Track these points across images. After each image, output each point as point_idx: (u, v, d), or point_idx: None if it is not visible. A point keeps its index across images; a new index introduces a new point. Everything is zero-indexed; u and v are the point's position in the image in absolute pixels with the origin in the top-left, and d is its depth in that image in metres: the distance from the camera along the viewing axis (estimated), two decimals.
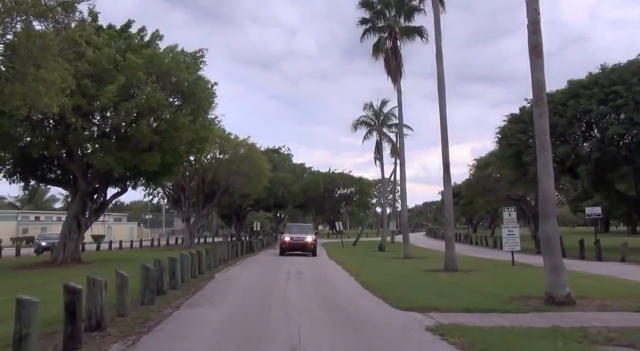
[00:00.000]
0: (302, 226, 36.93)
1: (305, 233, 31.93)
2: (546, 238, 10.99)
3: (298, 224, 42.33)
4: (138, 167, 24.45)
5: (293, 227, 35.85)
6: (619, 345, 6.82)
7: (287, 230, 34.90)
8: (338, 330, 8.33)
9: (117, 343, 7.37)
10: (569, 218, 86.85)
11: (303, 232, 32.31)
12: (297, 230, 32.92)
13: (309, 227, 36.51)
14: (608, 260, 23.33)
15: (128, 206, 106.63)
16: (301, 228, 34.63)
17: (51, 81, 13.66)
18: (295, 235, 31.34)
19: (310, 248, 30.43)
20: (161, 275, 12.61)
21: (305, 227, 35.37)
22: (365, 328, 8.37)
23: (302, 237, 30.83)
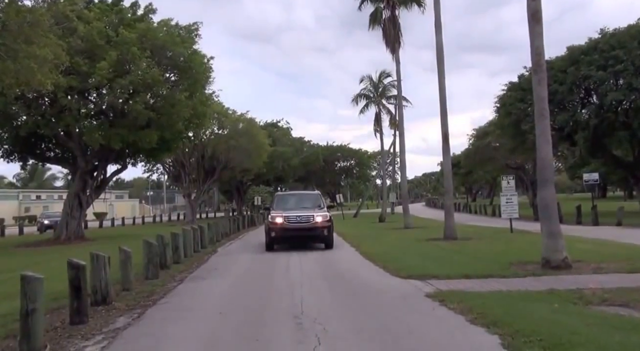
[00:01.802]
0: (303, 195, 21.42)
1: (311, 206, 18.16)
2: (544, 205, 11.11)
3: (297, 193, 25.73)
4: (136, 144, 24.40)
5: (288, 197, 20.24)
6: (613, 304, 7.00)
7: (277, 203, 18.92)
8: (339, 298, 8.49)
9: (123, 317, 7.51)
10: (567, 185, 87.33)
11: (306, 204, 18.39)
12: (295, 203, 18.67)
13: (316, 196, 20.46)
14: (604, 225, 23.62)
15: (129, 183, 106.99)
16: (302, 199, 19.57)
17: (43, 57, 13.51)
18: (294, 212, 17.32)
19: (321, 233, 17.05)
20: (164, 249, 12.80)
21: (309, 197, 20.15)
22: (366, 296, 8.53)
23: (307, 216, 17.06)
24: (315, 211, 17.24)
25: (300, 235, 16.74)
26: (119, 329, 6.76)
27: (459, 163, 60.26)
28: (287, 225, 16.65)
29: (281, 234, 16.73)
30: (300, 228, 16.61)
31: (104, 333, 6.55)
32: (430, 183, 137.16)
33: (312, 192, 22.75)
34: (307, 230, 16.73)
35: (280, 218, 16.75)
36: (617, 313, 6.47)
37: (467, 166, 60.55)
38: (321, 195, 20.28)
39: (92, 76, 21.79)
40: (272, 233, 16.75)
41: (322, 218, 16.87)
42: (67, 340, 6.28)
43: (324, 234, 16.84)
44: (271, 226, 16.87)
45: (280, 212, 17.10)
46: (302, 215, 16.87)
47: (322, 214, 17.08)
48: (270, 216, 17.17)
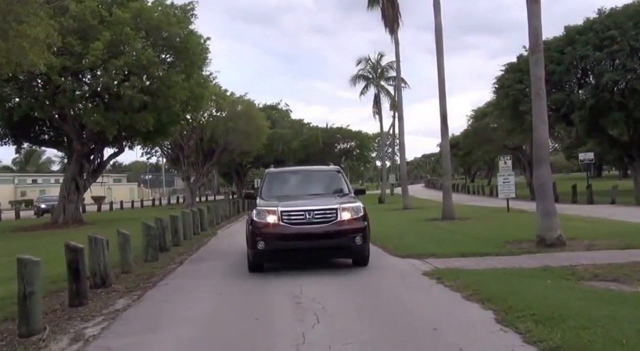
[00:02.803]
0: (314, 173, 12.08)
1: (328, 191, 10.51)
2: (539, 184, 11.21)
3: (302, 169, 13.43)
4: (133, 127, 24.27)
5: (288, 177, 11.61)
6: (604, 280, 7.14)
7: (269, 186, 10.68)
8: (337, 276, 8.59)
9: (123, 299, 7.57)
10: (563, 165, 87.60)
11: (319, 189, 10.75)
12: (300, 187, 10.85)
13: (334, 174, 11.22)
14: (599, 203, 23.89)
15: (127, 167, 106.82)
16: (312, 179, 11.46)
17: (35, 37, 13.22)
18: (298, 204, 9.37)
19: (350, 242, 8.98)
20: (163, 232, 12.83)
21: (323, 176, 11.60)
22: (364, 275, 8.64)
23: (323, 211, 9.01)
24: (338, 200, 9.39)
25: (312, 246, 8.82)
26: (118, 311, 6.81)
27: (457, 144, 60.25)
28: (286, 228, 8.82)
29: (276, 245, 8.81)
30: (311, 233, 8.73)
31: (103, 315, 6.60)
32: (430, 164, 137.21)
33: (328, 168, 11.63)
34: (325, 237, 8.77)
35: (274, 217, 8.88)
36: (607, 288, 6.60)
37: (465, 147, 60.54)
38: (343, 173, 11.16)
39: (85, 57, 21.52)
40: (260, 244, 8.78)
41: (350, 214, 8.97)
42: (67, 321, 6.33)
43: (355, 244, 8.82)
44: (257, 230, 8.92)
45: (274, 204, 9.13)
46: (315, 209, 8.90)
47: (351, 206, 9.12)
48: (256, 211, 9.15)
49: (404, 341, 4.88)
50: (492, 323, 5.29)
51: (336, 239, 8.83)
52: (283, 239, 8.78)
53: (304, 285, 7.74)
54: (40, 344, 5.40)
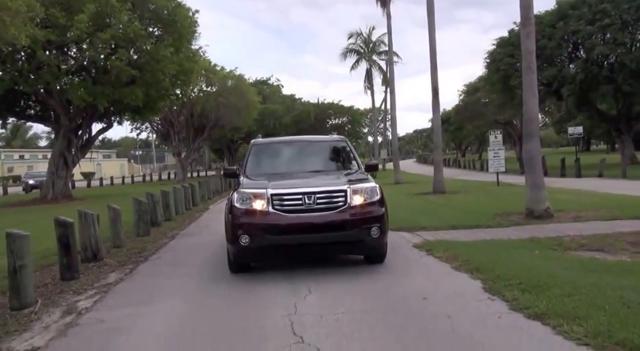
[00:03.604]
0: (312, 145, 9.32)
1: (331, 168, 8.33)
2: (529, 158, 11.31)
3: (298, 140, 9.91)
4: (122, 102, 23.98)
5: (280, 150, 8.97)
6: (590, 249, 7.30)
7: (255, 162, 8.33)
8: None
9: (115, 272, 7.60)
10: (553, 139, 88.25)
11: (319, 164, 8.31)
12: (295, 162, 8.37)
13: (338, 146, 8.95)
14: (587, 177, 24.18)
15: (116, 142, 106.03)
16: (310, 151, 8.85)
17: (15, 9, 12.93)
18: (294, 184, 7.00)
19: (364, 234, 6.60)
20: (154, 207, 12.82)
21: (325, 148, 9.05)
22: None
23: (327, 194, 6.65)
24: (346, 179, 7.18)
25: (313, 240, 6.62)
26: (110, 284, 6.84)
27: (449, 119, 60.41)
28: (278, 217, 6.60)
29: (265, 241, 6.60)
30: (312, 224, 6.56)
31: (95, 288, 6.63)
32: (421, 139, 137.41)
33: (331, 138, 10.00)
34: (330, 229, 6.59)
35: (262, 202, 6.65)
36: (592, 257, 6.74)
37: (457, 122, 60.75)
38: (350, 144, 8.96)
39: (70, 30, 21.05)
40: (243, 239, 6.54)
41: (364, 198, 6.82)
42: (59, 295, 6.35)
43: (371, 237, 6.67)
44: (239, 220, 6.70)
45: (262, 185, 6.96)
46: (317, 191, 6.71)
47: (365, 187, 6.95)
48: (238, 195, 6.87)
49: (394, 310, 4.96)
50: (480, 292, 5.40)
51: (346, 231, 6.49)
52: (274, 232, 6.42)
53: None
54: (32, 317, 5.43)
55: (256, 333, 4.52)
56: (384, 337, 4.23)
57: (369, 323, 4.59)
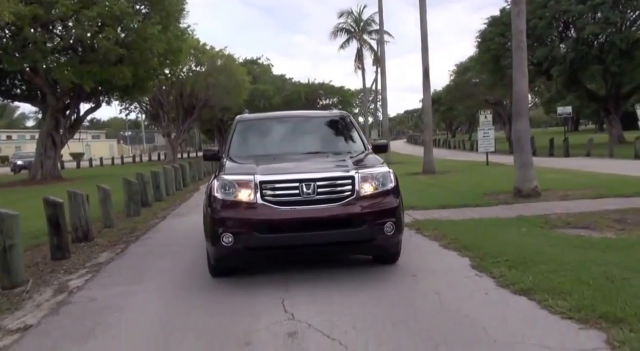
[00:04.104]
0: (309, 121, 7.80)
1: (333, 150, 6.72)
2: (517, 137, 11.37)
3: (291, 116, 8.35)
4: (110, 81, 23.69)
5: (270, 128, 7.43)
6: (576, 227, 7.42)
7: (241, 142, 6.93)
8: None
9: (106, 252, 7.63)
10: (542, 119, 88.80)
11: (317, 145, 6.90)
12: (288, 142, 7.02)
13: (339, 121, 7.50)
14: (575, 156, 24.41)
15: (105, 123, 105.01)
16: (306, 130, 7.38)
17: None
18: (288, 169, 5.67)
19: (377, 231, 5.26)
20: (144, 188, 12.84)
21: (323, 126, 7.53)
22: None
23: (329, 182, 5.31)
24: (351, 162, 5.82)
25: (313, 240, 5.25)
26: (102, 263, 6.87)
27: (439, 99, 60.43)
28: (269, 211, 5.23)
29: (252, 241, 5.18)
30: (311, 219, 5.20)
31: (87, 268, 6.66)
32: (412, 120, 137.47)
33: (331, 114, 7.95)
34: (334, 226, 5.23)
35: (249, 192, 5.30)
36: (578, 235, 6.86)
37: (447, 102, 60.81)
38: (354, 121, 7.59)
39: (55, 6, 20.64)
40: (226, 238, 5.16)
41: (375, 186, 5.48)
42: (50, 274, 6.37)
43: (385, 234, 5.32)
44: (220, 214, 5.32)
45: (249, 170, 5.57)
46: (317, 178, 5.32)
47: (375, 172, 5.60)
48: (220, 183, 5.46)
49: (383, 288, 5.04)
50: (468, 269, 5.50)
51: (353, 229, 5.17)
52: (264, 230, 5.12)
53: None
54: (23, 295, 5.45)
55: (247, 310, 4.57)
56: (374, 313, 4.31)
57: (358, 300, 4.67)
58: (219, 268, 5.65)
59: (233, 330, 4.10)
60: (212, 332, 4.10)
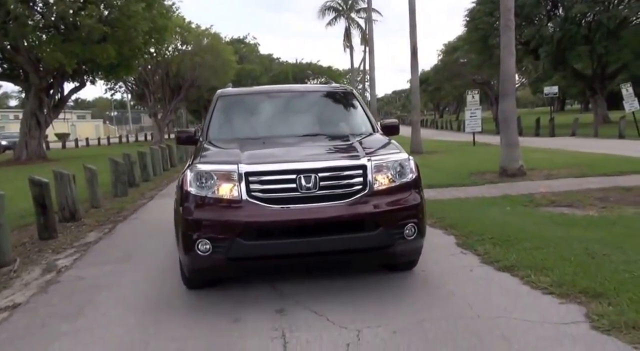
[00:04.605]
0: (303, 96, 6.41)
1: (333, 130, 5.59)
2: (504, 117, 11.45)
3: (281, 90, 6.85)
4: (94, 60, 23.29)
5: (257, 106, 6.09)
6: (560, 205, 7.55)
7: (216, 122, 5.77)
8: None
9: (94, 232, 7.62)
10: (529, 100, 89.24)
11: (316, 124, 5.73)
12: (277, 118, 5.89)
13: (341, 97, 6.30)
14: (560, 136, 24.64)
15: (91, 103, 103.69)
16: (302, 104, 6.16)
17: None
18: (280, 155, 4.54)
19: (396, 235, 4.18)
20: (131, 168, 12.79)
21: (322, 101, 6.26)
22: None
23: (329, 173, 4.15)
24: (360, 147, 4.67)
25: (314, 248, 4.07)
26: (90, 243, 6.87)
27: (427, 79, 60.38)
28: (258, 210, 4.06)
29: (236, 249, 4.03)
30: (312, 221, 4.06)
31: (75, 247, 6.66)
32: (400, 100, 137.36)
33: (332, 88, 6.59)
34: (341, 230, 4.09)
35: (231, 185, 4.13)
36: (562, 213, 7.00)
37: (435, 82, 60.77)
38: (359, 97, 6.24)
39: None
40: (202, 246, 4.06)
41: (391, 178, 4.35)
42: (38, 254, 6.37)
43: (405, 239, 4.25)
44: (192, 216, 4.17)
45: (231, 157, 4.43)
46: (318, 168, 4.16)
47: (392, 160, 4.48)
48: (195, 174, 4.26)
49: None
50: (454, 247, 5.60)
51: (366, 233, 4.13)
52: (251, 236, 4.03)
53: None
54: (11, 275, 5.46)
55: (238, 293, 4.63)
56: (360, 289, 4.38)
57: (344, 279, 4.72)
58: (196, 281, 4.60)
59: (223, 306, 4.16)
60: (202, 309, 4.16)
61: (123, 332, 3.78)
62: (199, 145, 5.21)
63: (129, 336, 3.71)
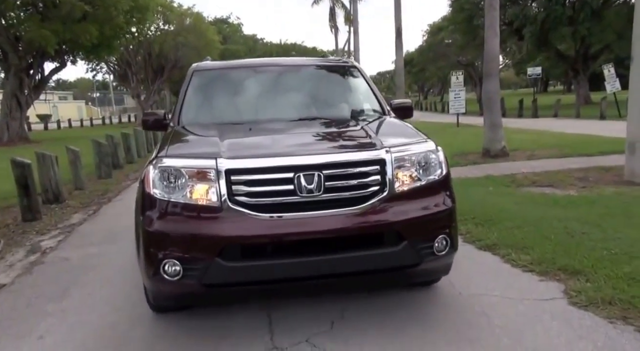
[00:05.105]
0: (298, 70, 5.18)
1: (334, 113, 4.61)
2: (487, 98, 11.54)
3: (270, 63, 5.54)
4: (75, 40, 22.84)
5: (241, 77, 5.01)
6: (541, 185, 7.68)
7: (190, 102, 4.62)
8: None
9: (79, 213, 7.58)
10: (512, 81, 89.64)
11: (313, 105, 4.66)
12: (265, 96, 4.78)
13: (344, 71, 5.25)
14: (543, 117, 24.87)
15: (72, 84, 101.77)
16: (295, 80, 5.00)
17: None
18: (271, 147, 3.41)
19: (429, 257, 3.24)
20: (115, 150, 12.71)
21: (321, 76, 5.23)
22: None
23: (337, 169, 3.13)
24: (374, 134, 3.63)
25: (320, 271, 3.10)
26: (74, 225, 6.85)
27: (412, 60, 60.20)
28: (244, 221, 3.03)
29: (217, 272, 3.01)
30: (316, 235, 3.07)
31: (59, 229, 6.64)
32: (384, 82, 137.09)
33: (332, 61, 6.12)
34: (351, 246, 3.10)
35: (206, 185, 3.12)
36: (542, 193, 7.12)
37: (420, 63, 60.63)
38: (364, 72, 5.14)
39: None
40: (169, 267, 3.06)
41: (415, 175, 3.34)
42: (22, 235, 6.35)
43: (435, 255, 3.29)
44: (154, 227, 3.17)
45: (208, 148, 3.39)
46: (323, 163, 3.14)
47: (414, 153, 3.40)
48: (157, 169, 3.23)
49: None
50: None
51: (386, 248, 3.17)
52: (235, 255, 3.06)
53: None
54: None
55: None
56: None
57: None
58: (164, 307, 3.70)
59: None
60: None
61: (109, 312, 3.80)
62: (168, 132, 4.15)
63: (115, 316, 3.73)
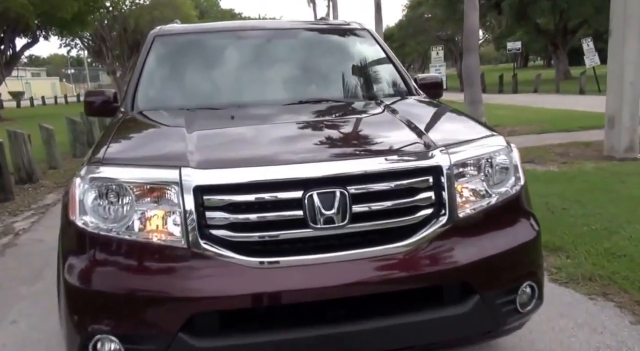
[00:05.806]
0: (293, 35, 3.69)
1: (345, 93, 3.27)
2: (467, 73, 11.48)
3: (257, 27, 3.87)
4: (48, 14, 22.07)
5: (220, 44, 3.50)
6: (521, 161, 7.64)
7: (149, 78, 3.31)
8: None
9: (53, 194, 7.40)
10: (492, 56, 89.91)
11: (315, 82, 3.36)
12: (252, 70, 3.31)
13: (354, 38, 3.75)
14: (523, 92, 24.98)
15: (45, 60, 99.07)
16: (292, 47, 3.55)
17: None
18: (267, 151, 2.07)
19: (510, 318, 2.04)
20: (91, 127, 12.49)
21: (324, 44, 3.75)
22: None
23: (367, 182, 1.87)
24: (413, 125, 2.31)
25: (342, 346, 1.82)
26: (48, 205, 6.69)
27: (392, 35, 59.83)
28: (229, 270, 1.78)
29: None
30: (341, 290, 1.81)
31: (32, 210, 6.48)
32: None
33: (335, 25, 4.12)
34: (394, 305, 1.88)
35: (162, 211, 1.86)
36: (523, 168, 7.11)
37: (400, 38, 60.32)
38: (378, 37, 3.71)
39: None
40: (105, 345, 1.81)
41: (478, 190, 2.10)
42: None
43: (514, 310, 2.05)
44: (83, 282, 1.88)
45: (170, 150, 2.07)
46: (348, 175, 1.87)
47: (478, 154, 2.15)
48: (86, 182, 1.89)
49: None
50: None
51: (449, 308, 1.92)
52: (209, 328, 1.79)
53: None
54: None
55: None
56: None
57: None
58: None
59: None
60: None
61: None
62: (114, 121, 2.81)
63: None
